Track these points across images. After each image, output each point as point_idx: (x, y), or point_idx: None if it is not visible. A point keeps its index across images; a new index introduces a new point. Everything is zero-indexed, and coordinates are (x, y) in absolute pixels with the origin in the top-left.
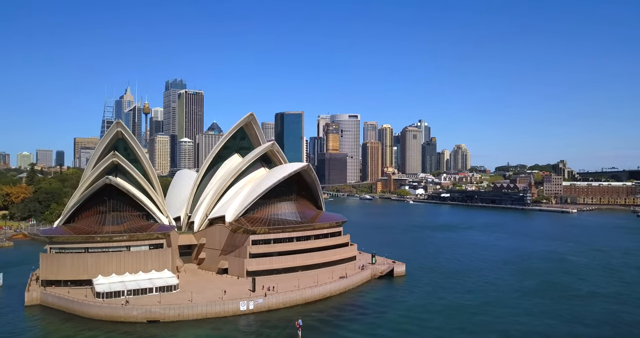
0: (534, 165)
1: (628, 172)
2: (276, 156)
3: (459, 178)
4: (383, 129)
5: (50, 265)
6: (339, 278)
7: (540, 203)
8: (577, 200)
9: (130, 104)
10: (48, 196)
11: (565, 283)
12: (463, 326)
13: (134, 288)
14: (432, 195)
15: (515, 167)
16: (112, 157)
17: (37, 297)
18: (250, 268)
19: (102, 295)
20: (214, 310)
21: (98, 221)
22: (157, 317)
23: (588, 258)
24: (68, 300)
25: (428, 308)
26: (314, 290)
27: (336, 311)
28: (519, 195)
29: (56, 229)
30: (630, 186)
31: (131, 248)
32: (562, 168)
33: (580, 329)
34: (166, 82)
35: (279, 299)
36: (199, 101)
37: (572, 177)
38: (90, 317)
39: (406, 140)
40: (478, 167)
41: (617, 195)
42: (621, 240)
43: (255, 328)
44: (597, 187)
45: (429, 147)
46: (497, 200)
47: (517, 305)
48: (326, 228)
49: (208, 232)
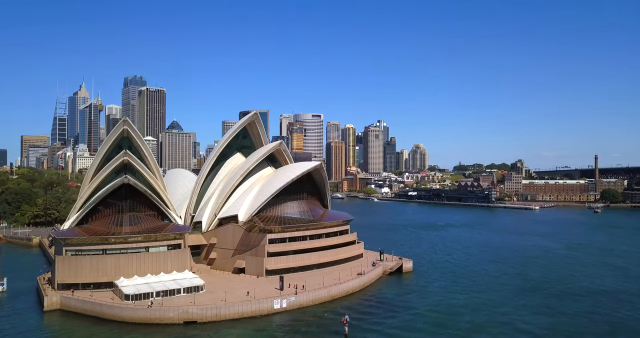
0: (490, 164)
1: (580, 171)
2: (282, 155)
3: (421, 177)
4: (346, 128)
5: (67, 268)
6: (357, 275)
7: (503, 201)
8: (537, 198)
9: (85, 101)
10: (18, 197)
11: (558, 278)
12: (491, 318)
13: (162, 290)
14: (399, 194)
15: (473, 166)
16: (124, 155)
17: (57, 301)
18: (270, 267)
19: (132, 298)
20: (249, 309)
21: (114, 222)
22: (195, 317)
23: (584, 254)
24: (95, 303)
25: (452, 303)
26: (339, 287)
27: (365, 307)
28: (484, 193)
29: (69, 231)
30: (583, 184)
31: (150, 249)
32: (520, 167)
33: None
34: (125, 78)
35: (309, 297)
36: (161, 99)
37: (530, 176)
38: (121, 320)
39: (369, 139)
40: (436, 166)
41: (572, 193)
42: (597, 235)
43: (295, 325)
44: (554, 185)
45: (389, 147)
46: (464, 198)
47: (524, 297)
48: (335, 227)
49: (219, 231)
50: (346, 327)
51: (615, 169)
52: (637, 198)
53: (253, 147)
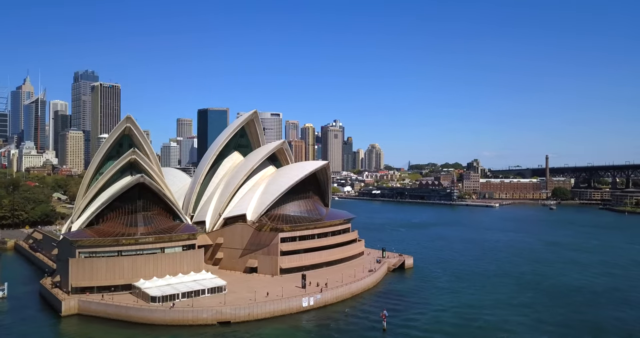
0: (445, 164)
1: (531, 170)
2: (284, 154)
3: (380, 176)
4: (306, 128)
5: (82, 271)
6: (369, 272)
7: (464, 199)
8: (494, 196)
9: (30, 96)
10: None
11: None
12: (511, 311)
13: (186, 291)
14: (362, 192)
15: (428, 166)
16: (132, 154)
17: (75, 305)
18: (284, 266)
19: (159, 300)
20: (280, 307)
21: (127, 222)
22: (228, 317)
23: (560, 249)
24: (121, 306)
25: (468, 297)
26: (357, 284)
27: (386, 303)
28: (446, 191)
29: (81, 232)
30: (536, 182)
31: (165, 250)
32: (476, 166)
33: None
34: (75, 73)
35: (332, 294)
36: (116, 95)
37: (485, 175)
38: (150, 323)
39: (328, 139)
40: (390, 165)
41: (526, 191)
42: (564, 230)
43: (328, 322)
44: (509, 183)
45: (346, 146)
46: (426, 196)
47: (526, 290)
48: (340, 225)
49: (226, 231)
50: (384, 321)
51: (563, 168)
52: (585, 195)
53: (250, 146)
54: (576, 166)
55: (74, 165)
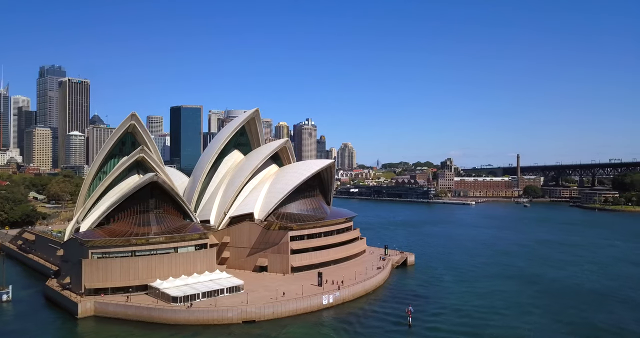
0: (417, 162)
1: (502, 169)
2: (286, 153)
3: (355, 175)
4: (280, 126)
5: (95, 272)
6: (377, 269)
7: (441, 197)
8: (468, 194)
9: None
10: None
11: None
12: (520, 300)
13: (206, 291)
14: (340, 191)
15: (400, 164)
16: (140, 152)
17: (91, 307)
18: (295, 264)
19: (180, 300)
20: (302, 305)
21: (139, 222)
22: (253, 316)
23: (543, 245)
24: (142, 307)
25: (479, 292)
26: (371, 281)
27: (402, 299)
28: (423, 189)
29: (92, 233)
30: (507, 181)
31: (178, 250)
32: (450, 165)
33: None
34: (40, 68)
35: (350, 291)
36: (84, 91)
37: (458, 173)
38: (174, 323)
39: (302, 137)
40: (362, 164)
41: (499, 189)
42: (541, 227)
43: (351, 318)
44: (482, 181)
45: (319, 145)
46: (404, 194)
47: (525, 284)
48: (344, 223)
49: (232, 230)
50: (410, 317)
51: (533, 167)
52: (555, 193)
53: (249, 145)
54: (545, 165)
55: (41, 163)
